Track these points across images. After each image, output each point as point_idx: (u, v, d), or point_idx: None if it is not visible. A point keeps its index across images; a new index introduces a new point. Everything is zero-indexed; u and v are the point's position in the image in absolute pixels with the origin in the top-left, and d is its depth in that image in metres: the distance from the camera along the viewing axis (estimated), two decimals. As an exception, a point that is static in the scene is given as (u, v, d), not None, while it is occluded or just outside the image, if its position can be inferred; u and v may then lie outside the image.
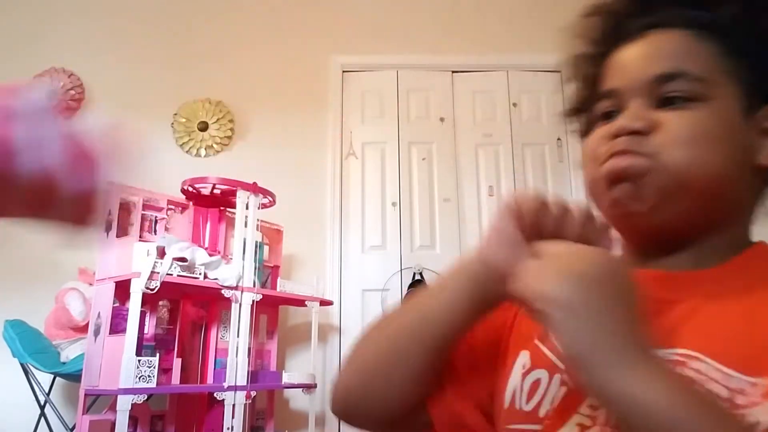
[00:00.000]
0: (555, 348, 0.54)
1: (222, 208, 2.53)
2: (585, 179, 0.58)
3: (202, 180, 2.36)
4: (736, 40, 0.54)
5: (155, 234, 2.35)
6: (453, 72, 3.34)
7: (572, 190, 3.15)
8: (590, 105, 0.62)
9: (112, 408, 2.08)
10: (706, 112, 0.52)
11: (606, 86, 0.58)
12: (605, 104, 0.58)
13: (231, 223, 2.49)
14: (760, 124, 0.54)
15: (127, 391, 1.92)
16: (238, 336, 2.24)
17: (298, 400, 2.84)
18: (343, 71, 3.31)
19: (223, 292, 2.23)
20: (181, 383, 2.22)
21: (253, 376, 2.30)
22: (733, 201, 0.54)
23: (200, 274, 2.19)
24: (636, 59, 0.56)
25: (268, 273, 2.59)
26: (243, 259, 2.30)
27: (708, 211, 0.53)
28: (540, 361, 0.55)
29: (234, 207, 2.39)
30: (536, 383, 0.54)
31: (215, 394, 2.21)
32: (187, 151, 3.20)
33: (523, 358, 0.56)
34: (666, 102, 0.53)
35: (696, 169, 0.51)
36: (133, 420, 2.22)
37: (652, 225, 0.54)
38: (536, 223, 0.51)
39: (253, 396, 2.28)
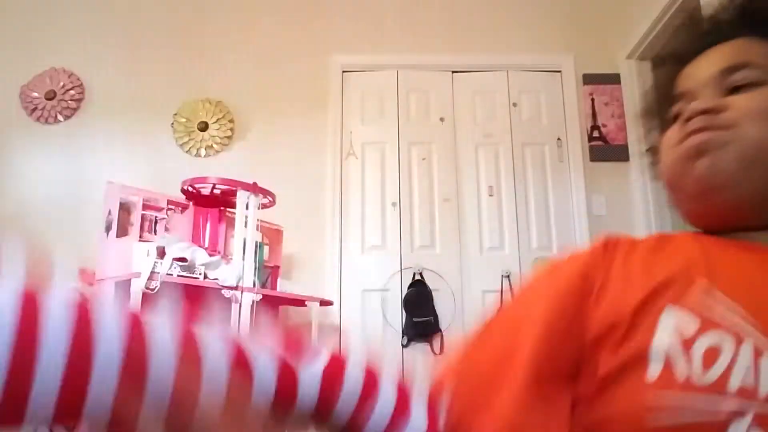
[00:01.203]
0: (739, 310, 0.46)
1: (222, 208, 2.53)
2: (664, 168, 0.61)
3: (202, 180, 2.36)
4: None
5: (155, 234, 2.35)
6: (453, 72, 3.34)
7: (572, 190, 3.15)
8: (664, 111, 0.65)
9: (112, 408, 2.07)
10: None
11: (677, 91, 0.62)
12: (678, 106, 0.61)
13: (231, 223, 2.49)
14: None
15: (127, 391, 1.92)
16: (238, 336, 2.24)
17: (298, 400, 2.84)
18: (343, 71, 3.31)
19: (223, 292, 2.23)
20: (181, 383, 2.21)
21: (253, 376, 2.30)
22: None
23: (200, 274, 2.19)
24: (702, 63, 0.61)
25: (268, 273, 2.59)
26: (243, 259, 2.30)
27: None
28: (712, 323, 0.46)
29: (234, 207, 2.39)
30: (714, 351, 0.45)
31: (215, 394, 2.21)
32: (187, 151, 3.20)
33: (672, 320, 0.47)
34: (734, 90, 0.56)
35: None
36: (133, 420, 2.22)
37: (737, 197, 0.55)
38: None
39: (253, 396, 2.28)
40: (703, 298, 0.47)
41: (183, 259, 2.13)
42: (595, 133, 3.23)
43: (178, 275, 2.12)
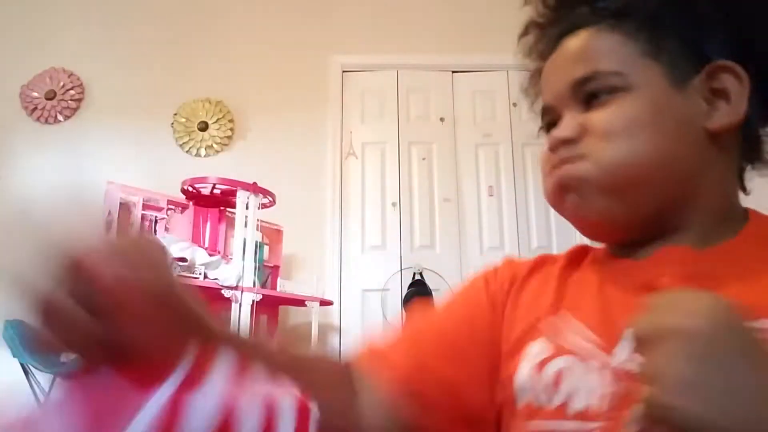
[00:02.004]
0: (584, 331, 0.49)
1: (222, 208, 2.53)
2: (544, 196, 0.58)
3: (202, 180, 2.36)
4: (644, 18, 0.52)
5: (155, 234, 2.35)
6: (453, 72, 3.34)
7: (572, 190, 3.15)
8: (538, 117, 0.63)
9: (112, 408, 2.07)
10: (628, 101, 0.51)
11: (541, 103, 0.59)
12: (546, 119, 0.59)
13: (231, 223, 2.49)
14: (703, 87, 0.51)
15: (127, 391, 1.92)
16: (238, 336, 2.24)
17: (298, 400, 2.83)
18: (343, 71, 3.30)
19: (223, 292, 2.23)
20: (181, 383, 2.21)
21: (253, 376, 2.29)
22: (693, 175, 0.51)
23: (200, 274, 2.19)
24: (554, 71, 0.57)
25: (268, 273, 2.59)
26: (243, 259, 2.30)
27: (669, 195, 0.51)
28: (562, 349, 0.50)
29: (234, 207, 2.39)
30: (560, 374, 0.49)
31: (215, 394, 2.21)
32: (187, 151, 3.20)
33: (535, 349, 0.52)
34: (593, 98, 0.53)
35: (631, 159, 0.50)
36: (133, 420, 2.22)
37: (619, 225, 0.53)
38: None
39: (253, 396, 2.28)
40: (561, 326, 0.51)
41: (183, 259, 2.13)
42: (595, 133, 3.23)
43: (178, 275, 2.11)
